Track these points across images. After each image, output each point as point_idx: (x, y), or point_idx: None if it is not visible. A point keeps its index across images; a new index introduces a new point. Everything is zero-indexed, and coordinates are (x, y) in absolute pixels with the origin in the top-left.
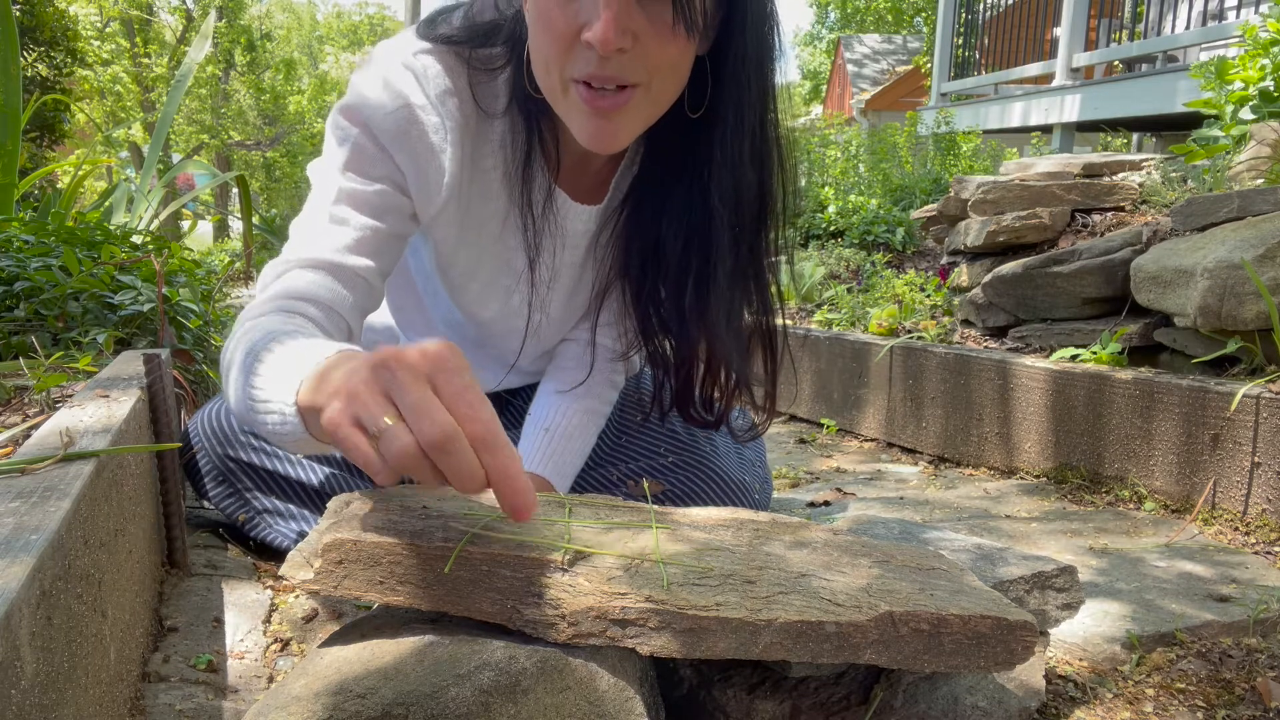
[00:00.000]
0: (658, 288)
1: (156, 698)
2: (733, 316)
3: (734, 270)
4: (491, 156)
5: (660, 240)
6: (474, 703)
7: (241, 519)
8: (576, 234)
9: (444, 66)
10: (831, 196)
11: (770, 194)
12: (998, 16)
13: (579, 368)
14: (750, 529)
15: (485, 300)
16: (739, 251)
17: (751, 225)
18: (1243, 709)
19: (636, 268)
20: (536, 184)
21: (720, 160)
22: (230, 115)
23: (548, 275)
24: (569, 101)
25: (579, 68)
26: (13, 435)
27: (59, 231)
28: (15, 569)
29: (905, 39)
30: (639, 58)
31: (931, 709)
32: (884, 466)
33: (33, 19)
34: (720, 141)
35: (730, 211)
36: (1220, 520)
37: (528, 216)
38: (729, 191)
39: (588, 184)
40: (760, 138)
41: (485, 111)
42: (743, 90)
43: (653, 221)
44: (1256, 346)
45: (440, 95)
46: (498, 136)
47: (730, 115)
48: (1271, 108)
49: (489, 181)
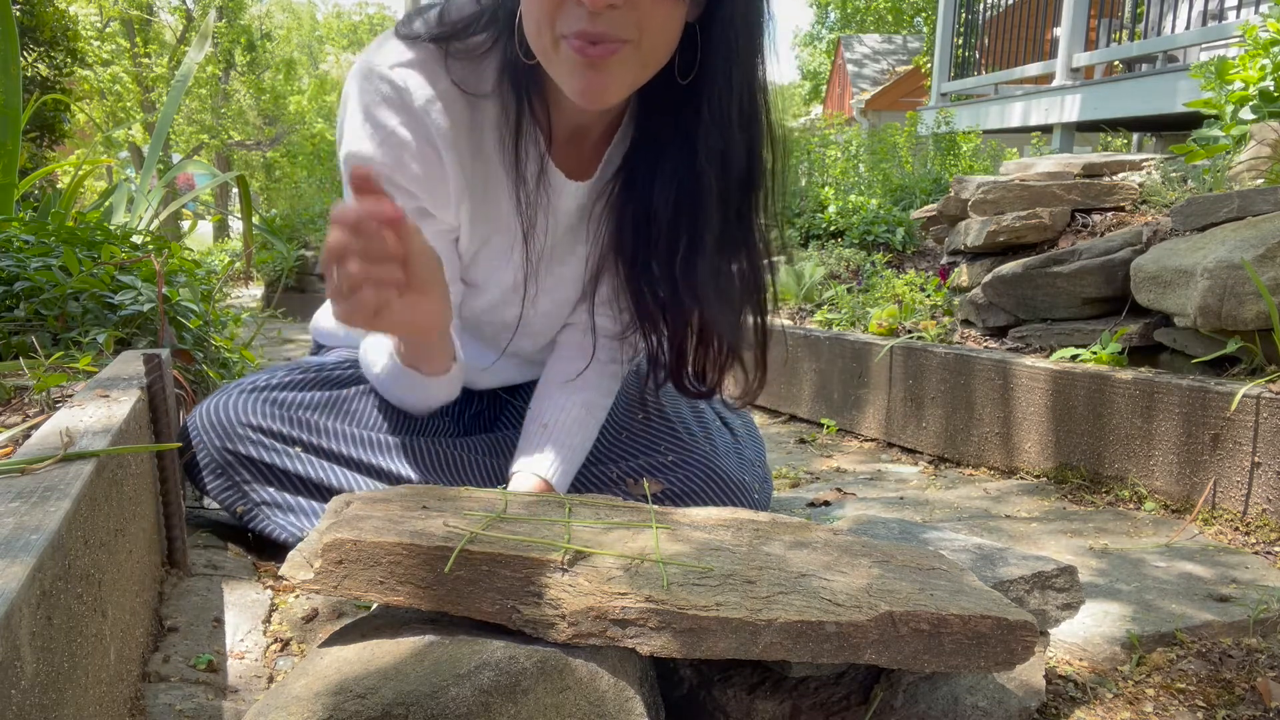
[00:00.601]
0: (650, 258)
1: (156, 698)
2: (722, 283)
3: (722, 236)
4: (490, 142)
5: (651, 208)
6: (474, 703)
7: (240, 511)
8: (570, 210)
9: (424, 75)
10: (831, 196)
11: (758, 158)
12: (998, 16)
13: (580, 355)
14: (750, 529)
15: (483, 279)
16: (727, 216)
17: (739, 190)
18: (1243, 709)
19: (629, 239)
20: (530, 157)
21: (709, 121)
22: (230, 115)
23: (540, 247)
24: (560, 57)
25: (570, 24)
26: (13, 435)
27: (59, 231)
28: (15, 569)
29: (905, 39)
30: (629, 13)
31: (931, 709)
32: (884, 466)
33: (33, 19)
34: (709, 103)
35: (718, 175)
36: (1220, 520)
37: (520, 190)
38: (716, 154)
39: (581, 161)
40: (749, 101)
41: (474, 95)
42: (731, 54)
43: (644, 191)
44: (1256, 346)
45: (425, 105)
46: (491, 118)
47: (719, 78)
48: (1271, 108)
49: (492, 167)
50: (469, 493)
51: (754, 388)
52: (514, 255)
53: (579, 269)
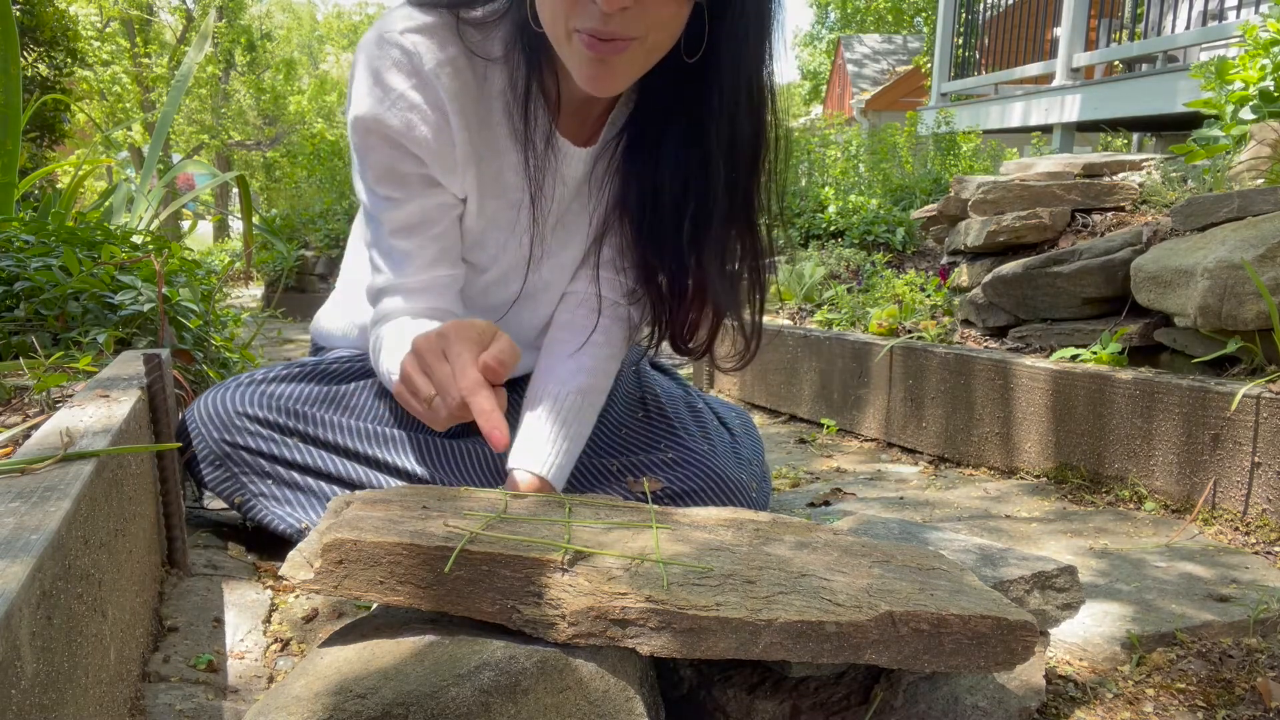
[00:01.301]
0: (656, 226)
1: (156, 698)
2: (726, 258)
3: (728, 214)
4: (498, 111)
5: (657, 181)
6: (474, 703)
7: (238, 501)
8: (576, 176)
9: (434, 41)
10: (832, 196)
11: (765, 143)
12: (998, 16)
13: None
14: (751, 529)
15: (489, 245)
16: (734, 197)
17: (746, 172)
18: (1243, 709)
19: (634, 205)
20: (538, 123)
21: (718, 109)
22: (230, 115)
23: (547, 212)
24: (571, 47)
25: (583, 20)
26: (13, 435)
27: (59, 231)
28: (15, 569)
29: (905, 39)
30: (639, 14)
31: (931, 709)
32: (884, 466)
33: (33, 19)
34: (719, 91)
35: (725, 158)
36: (1220, 520)
37: (529, 154)
38: (725, 140)
39: (585, 127)
40: (756, 88)
41: (485, 59)
42: (741, 43)
43: (648, 162)
44: (1257, 346)
45: (434, 69)
46: (499, 86)
47: (728, 66)
48: (1271, 108)
49: (499, 136)
50: (469, 493)
51: (748, 354)
52: (520, 221)
53: (583, 230)
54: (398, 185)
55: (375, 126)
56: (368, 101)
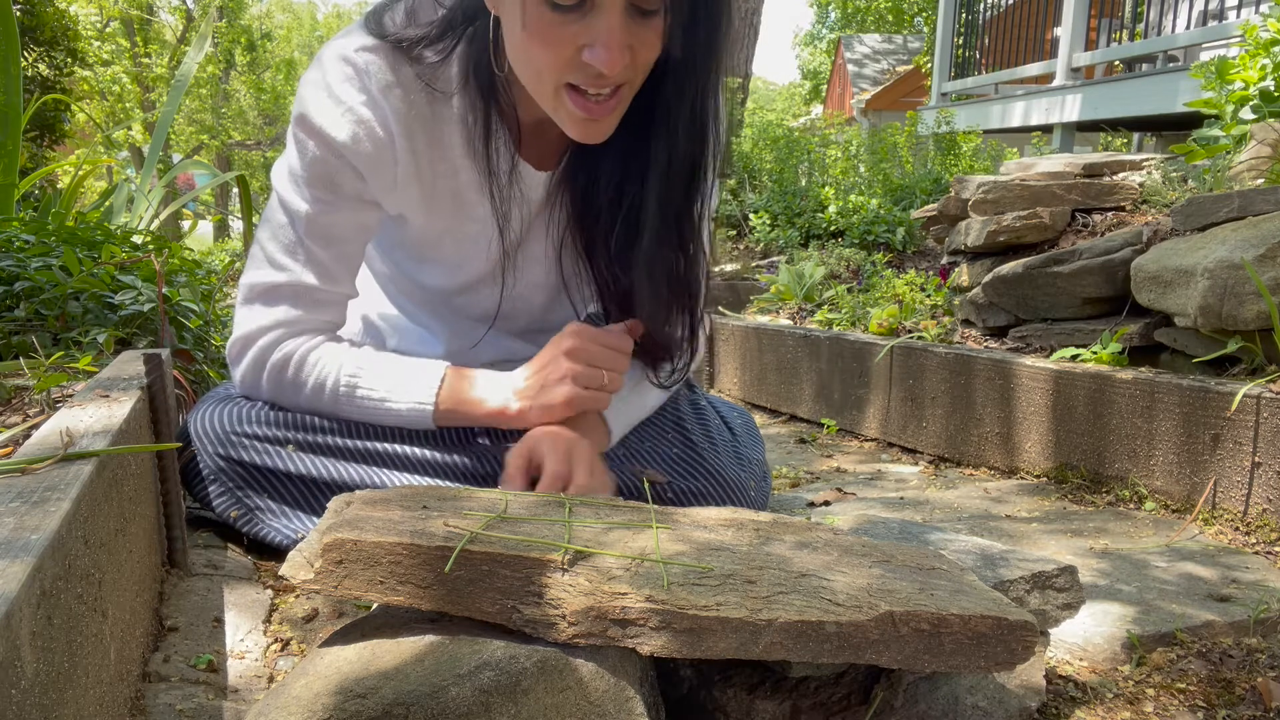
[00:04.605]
0: (594, 238)
1: (157, 698)
2: (654, 272)
3: (660, 233)
4: (452, 134)
5: (595, 190)
6: (474, 702)
7: (235, 515)
8: (538, 199)
9: (386, 61)
10: (832, 196)
11: (702, 169)
12: (998, 16)
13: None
14: (751, 529)
15: (447, 257)
16: (666, 215)
17: (681, 194)
18: (1243, 709)
19: (579, 217)
20: (500, 155)
21: (660, 129)
22: (230, 115)
23: (516, 238)
24: (559, 102)
25: (575, 77)
26: (13, 435)
27: (59, 231)
28: (15, 569)
29: (905, 39)
30: (630, 62)
31: (932, 709)
32: (884, 466)
33: (33, 19)
34: (665, 111)
35: (663, 175)
36: (1221, 520)
37: (493, 185)
38: (664, 159)
39: (545, 149)
40: (701, 111)
41: (440, 92)
42: (687, 71)
43: (590, 179)
44: (1257, 346)
45: (383, 90)
46: (457, 112)
47: (672, 90)
48: (1272, 107)
49: (452, 157)
50: (469, 492)
51: (678, 370)
52: (491, 247)
53: (546, 248)
54: (330, 190)
55: (322, 133)
56: (319, 108)
